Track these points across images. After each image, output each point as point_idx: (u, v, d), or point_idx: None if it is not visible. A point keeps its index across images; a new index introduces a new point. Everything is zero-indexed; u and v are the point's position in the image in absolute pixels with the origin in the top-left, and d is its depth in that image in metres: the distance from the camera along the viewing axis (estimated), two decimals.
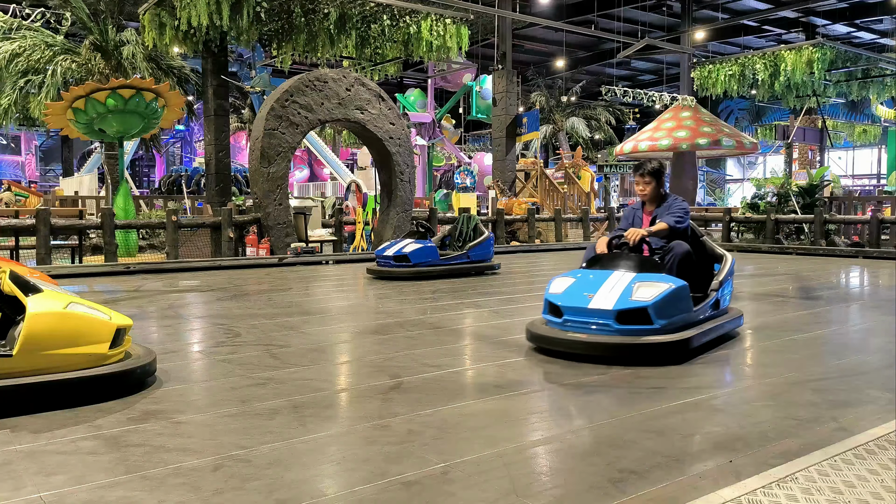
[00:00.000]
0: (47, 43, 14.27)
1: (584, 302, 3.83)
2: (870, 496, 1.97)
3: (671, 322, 3.79)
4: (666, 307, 3.76)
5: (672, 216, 4.50)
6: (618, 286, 3.84)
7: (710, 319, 4.20)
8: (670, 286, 3.80)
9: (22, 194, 15.70)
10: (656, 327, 3.73)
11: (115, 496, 2.07)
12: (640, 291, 3.77)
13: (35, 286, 3.14)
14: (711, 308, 4.24)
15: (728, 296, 4.53)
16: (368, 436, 2.58)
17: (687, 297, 3.91)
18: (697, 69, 21.33)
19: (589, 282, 3.98)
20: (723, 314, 4.42)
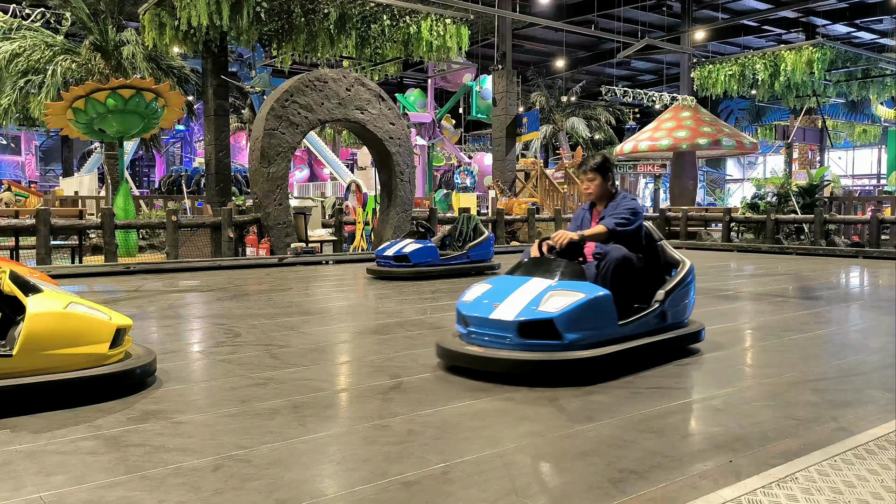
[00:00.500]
0: (47, 43, 14.27)
1: (487, 312, 3.44)
2: (870, 496, 1.97)
3: (584, 337, 3.36)
4: (578, 320, 3.33)
5: (614, 218, 3.96)
6: (528, 295, 3.43)
7: (651, 334, 3.73)
8: (584, 296, 3.37)
9: (22, 194, 15.71)
10: (564, 342, 3.31)
11: (115, 496, 2.07)
12: (550, 302, 3.35)
13: (35, 286, 3.14)
14: (657, 320, 3.79)
15: (684, 307, 4.02)
16: (368, 436, 2.58)
17: (607, 308, 3.46)
18: (697, 69, 21.32)
19: (501, 289, 3.57)
20: (673, 328, 3.93)
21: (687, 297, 4.04)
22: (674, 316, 3.93)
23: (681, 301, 3.98)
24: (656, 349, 3.73)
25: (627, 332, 3.60)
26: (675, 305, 3.92)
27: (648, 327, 3.75)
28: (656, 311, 3.79)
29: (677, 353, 3.89)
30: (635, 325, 3.67)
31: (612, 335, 3.50)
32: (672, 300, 3.89)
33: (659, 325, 3.82)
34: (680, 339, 3.94)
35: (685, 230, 14.43)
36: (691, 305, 4.11)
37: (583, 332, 3.37)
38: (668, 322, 3.89)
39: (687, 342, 4.00)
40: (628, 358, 3.50)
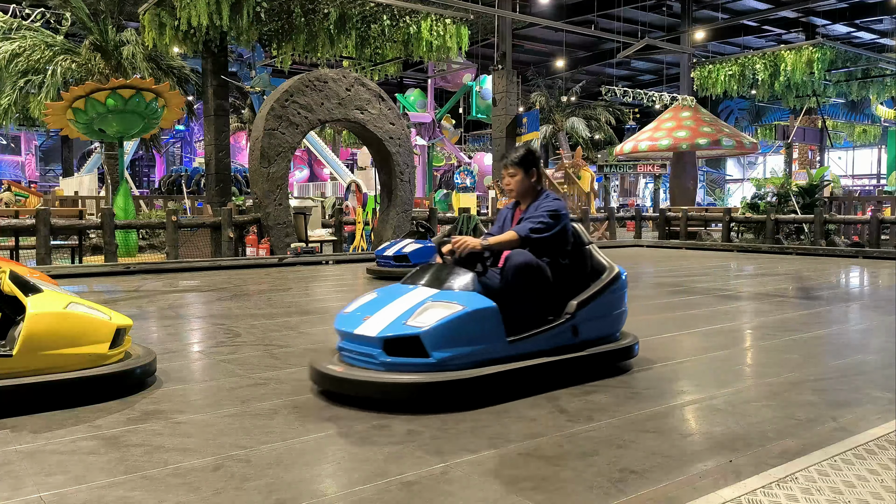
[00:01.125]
0: (47, 43, 14.26)
1: (354, 326, 3.08)
2: (870, 496, 1.97)
3: (458, 355, 2.96)
4: (451, 336, 2.94)
5: (530, 222, 3.48)
6: (403, 307, 3.07)
7: (559, 351, 3.32)
8: (461, 309, 2.98)
9: (22, 194, 15.71)
10: (432, 361, 2.92)
11: (115, 496, 2.07)
12: (424, 315, 2.98)
13: (35, 286, 3.14)
14: (568, 336, 3.38)
15: (610, 320, 3.59)
16: (368, 436, 2.58)
17: (490, 323, 3.06)
18: (697, 69, 21.33)
19: (381, 299, 3.23)
20: (592, 344, 3.48)
21: (614, 308, 3.59)
22: (591, 330, 3.48)
23: (602, 313, 3.53)
24: (563, 368, 3.27)
25: (521, 349, 3.17)
26: (593, 318, 3.46)
27: (554, 343, 3.32)
28: (565, 326, 3.35)
29: (603, 371, 3.46)
30: (533, 342, 3.23)
31: (498, 354, 3.09)
32: (588, 312, 3.43)
33: (571, 342, 3.38)
34: (600, 357, 3.46)
35: (685, 230, 14.43)
36: (622, 317, 3.68)
37: (457, 350, 2.95)
38: (583, 338, 3.44)
39: (613, 359, 3.54)
40: (517, 380, 3.07)
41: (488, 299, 3.11)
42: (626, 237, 15.82)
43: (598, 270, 3.65)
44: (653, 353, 4.02)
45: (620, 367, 3.58)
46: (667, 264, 10.27)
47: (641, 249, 13.69)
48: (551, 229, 3.47)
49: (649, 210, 23.78)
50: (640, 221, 15.90)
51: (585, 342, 3.45)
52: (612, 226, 15.23)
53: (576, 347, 3.41)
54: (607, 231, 15.36)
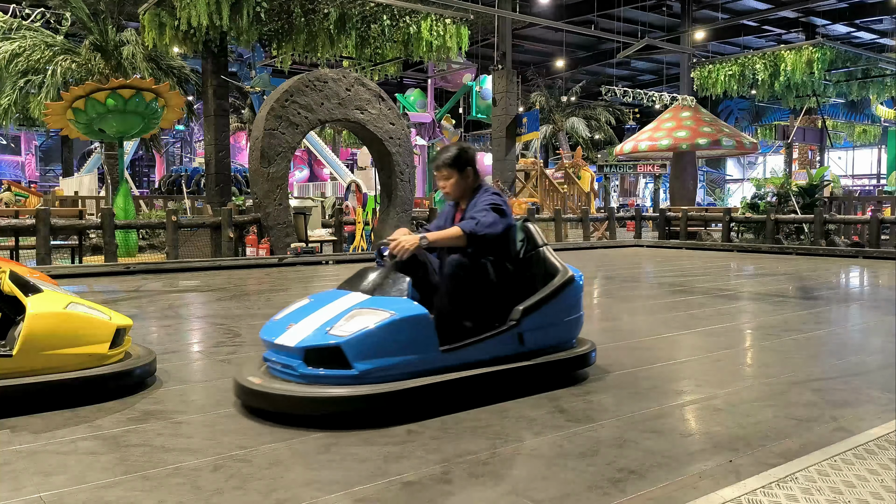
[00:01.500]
0: (47, 43, 14.27)
1: (276, 334, 2.90)
2: (870, 496, 1.97)
3: (384, 367, 2.76)
4: (375, 346, 2.74)
5: (474, 218, 3.24)
6: (330, 314, 2.89)
7: (502, 361, 3.08)
8: (389, 316, 2.78)
9: (22, 194, 15.71)
10: (354, 373, 2.72)
11: (115, 496, 2.07)
12: (348, 323, 2.79)
13: (35, 286, 3.14)
14: (513, 344, 3.14)
15: (561, 327, 3.35)
16: (368, 436, 2.58)
17: (421, 332, 2.85)
18: (697, 69, 21.33)
19: (310, 306, 3.05)
20: (541, 353, 3.24)
21: (566, 314, 3.36)
22: (541, 338, 3.25)
23: (553, 320, 3.29)
24: (503, 379, 3.05)
25: (457, 360, 2.95)
26: (542, 325, 3.24)
27: (498, 353, 3.09)
28: (510, 334, 3.12)
29: (556, 380, 3.24)
30: (471, 351, 3.00)
31: (430, 365, 2.87)
32: (536, 319, 3.20)
33: (517, 351, 3.15)
34: (549, 366, 3.22)
35: (685, 230, 14.43)
36: (577, 324, 3.45)
37: (382, 361, 2.75)
38: (531, 346, 3.20)
39: (565, 368, 3.31)
40: (448, 392, 2.86)
41: (420, 306, 2.89)
42: (626, 237, 15.82)
43: (552, 274, 3.38)
44: (653, 353, 4.03)
45: (577, 376, 3.37)
46: (667, 264, 10.28)
47: (641, 249, 13.69)
48: (497, 225, 3.22)
49: (649, 210, 23.77)
50: (640, 221, 15.91)
51: (534, 351, 3.22)
52: (612, 226, 15.23)
53: (523, 357, 3.16)
54: (607, 231, 15.37)
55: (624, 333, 4.71)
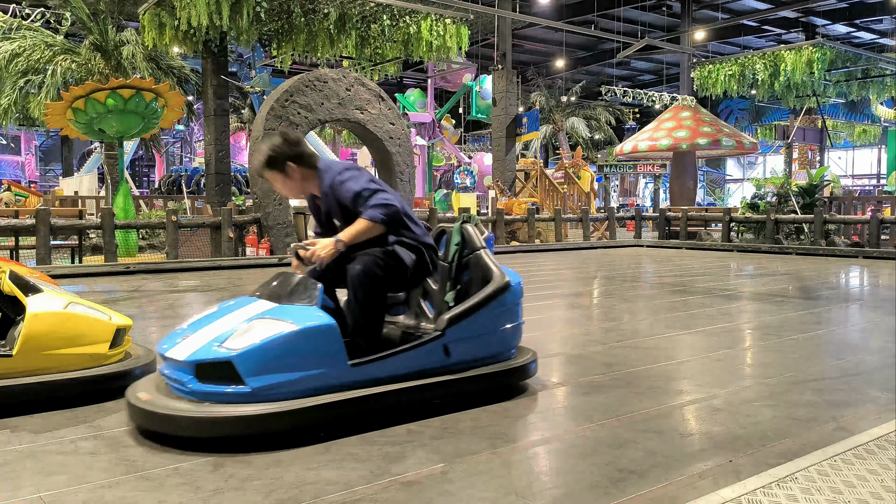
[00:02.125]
0: (47, 43, 14.26)
1: (170, 346, 2.68)
2: (870, 496, 1.97)
3: (281, 383, 2.52)
4: (271, 360, 2.51)
5: (371, 207, 2.91)
6: (230, 324, 2.66)
7: (426, 375, 2.85)
8: (288, 327, 2.56)
9: (22, 194, 15.72)
10: (247, 391, 2.48)
11: (115, 496, 2.07)
12: (245, 335, 2.55)
13: (35, 286, 3.14)
14: (439, 356, 2.90)
15: (496, 338, 3.08)
16: (368, 436, 2.58)
17: (325, 344, 2.61)
18: (697, 69, 21.33)
19: (214, 314, 2.82)
20: (472, 366, 2.99)
21: (501, 323, 3.08)
22: (471, 350, 2.99)
23: (486, 330, 3.03)
24: (422, 395, 2.81)
25: (369, 374, 2.71)
26: (472, 336, 2.98)
27: (419, 366, 2.84)
28: (434, 345, 2.88)
29: (490, 395, 3.00)
30: (386, 365, 2.76)
31: (338, 380, 2.63)
32: (465, 329, 2.95)
33: (442, 363, 2.90)
34: (479, 380, 2.97)
35: (685, 230, 14.43)
36: (514, 333, 3.18)
37: (280, 377, 2.52)
38: (458, 358, 2.95)
39: (498, 381, 3.06)
40: (358, 411, 2.63)
41: (325, 316, 2.66)
42: (626, 237, 15.82)
43: (488, 280, 3.11)
44: (653, 353, 4.03)
45: (517, 388, 3.16)
46: (667, 264, 10.27)
47: (641, 249, 13.69)
48: (390, 203, 2.92)
49: (649, 210, 23.78)
50: (640, 221, 15.90)
51: (462, 363, 2.97)
52: (612, 226, 15.23)
53: (449, 370, 2.91)
54: (607, 231, 15.37)
55: (624, 333, 4.71)
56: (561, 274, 9.00)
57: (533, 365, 3.22)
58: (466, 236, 3.28)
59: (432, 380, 2.84)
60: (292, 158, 3.02)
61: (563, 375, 3.61)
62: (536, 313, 5.64)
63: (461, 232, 3.29)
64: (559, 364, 3.86)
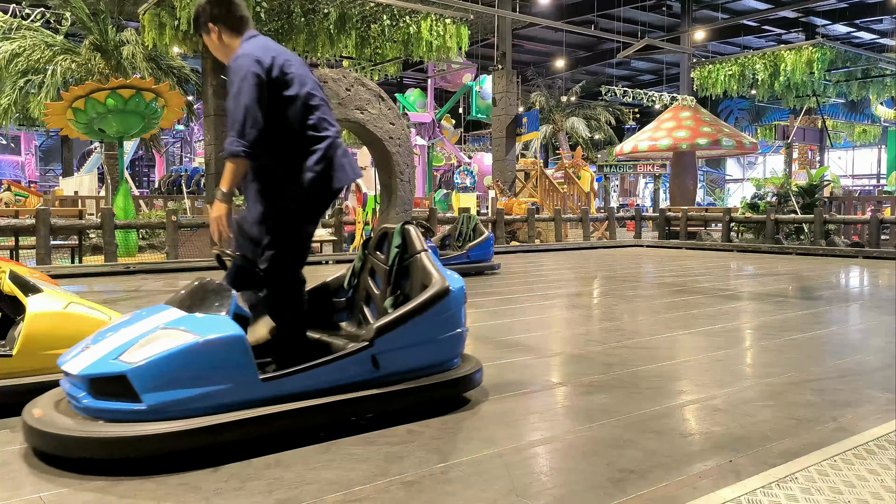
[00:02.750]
0: (47, 43, 14.27)
1: (68, 358, 2.48)
2: (870, 496, 1.97)
3: (181, 399, 2.32)
4: (170, 375, 2.31)
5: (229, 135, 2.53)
6: (132, 334, 2.45)
7: (350, 389, 2.63)
8: (191, 339, 2.37)
9: (22, 194, 15.71)
10: (142, 408, 2.29)
11: (115, 496, 2.07)
12: (146, 347, 2.36)
13: (35, 286, 3.14)
14: (366, 369, 2.68)
15: (431, 348, 2.85)
16: (368, 436, 2.58)
17: (231, 357, 2.41)
18: (697, 69, 21.33)
19: (122, 323, 2.60)
20: (404, 379, 2.77)
21: (439, 331, 2.87)
22: (404, 361, 2.77)
23: (420, 339, 2.81)
24: (345, 411, 2.61)
25: (284, 390, 2.50)
26: (406, 346, 2.77)
27: (341, 379, 2.62)
28: (360, 357, 2.67)
29: (428, 409, 2.79)
30: (304, 379, 2.55)
31: (247, 396, 2.43)
32: (396, 339, 2.74)
33: (371, 376, 2.70)
34: (411, 394, 2.75)
35: (685, 230, 14.43)
36: (454, 342, 2.95)
37: (180, 393, 2.32)
38: (389, 370, 2.73)
39: (435, 394, 2.83)
40: (270, 429, 2.43)
41: (234, 326, 2.45)
42: (626, 237, 15.82)
43: (427, 285, 2.91)
44: (653, 353, 4.03)
45: (460, 400, 2.96)
46: (667, 264, 10.28)
47: (641, 249, 13.69)
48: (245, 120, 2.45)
49: (649, 210, 23.78)
50: (640, 221, 15.91)
51: (395, 375, 2.75)
52: (612, 226, 15.23)
53: (380, 383, 2.70)
54: (607, 231, 15.37)
55: (624, 333, 4.71)
56: (561, 274, 9.00)
57: (477, 375, 3.01)
58: (407, 239, 3.09)
59: (359, 394, 2.63)
60: (214, 19, 2.71)
61: (563, 375, 3.62)
62: (536, 313, 5.64)
63: (402, 234, 3.11)
64: (559, 364, 3.86)
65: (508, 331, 4.80)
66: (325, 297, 3.44)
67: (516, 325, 5.02)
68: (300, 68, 2.70)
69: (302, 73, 2.68)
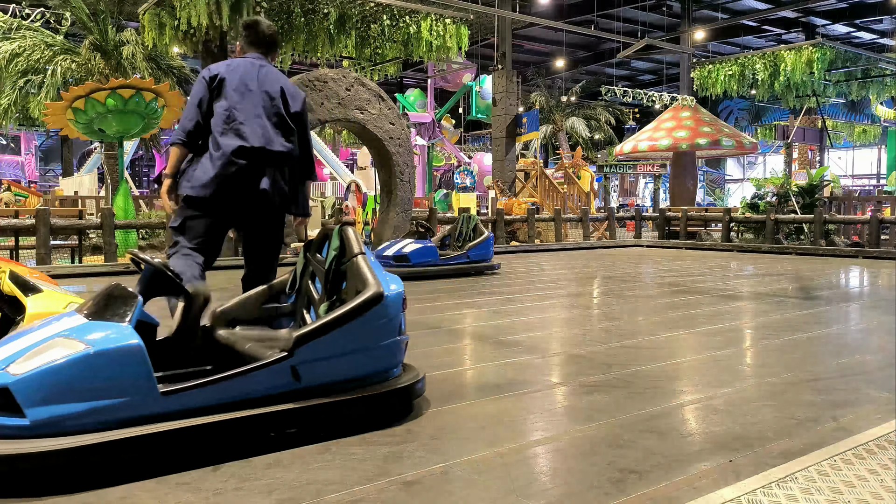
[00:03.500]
0: (47, 43, 14.27)
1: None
2: (870, 496, 1.97)
3: (71, 414, 2.16)
4: (58, 388, 2.15)
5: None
6: (28, 342, 2.29)
7: (268, 402, 2.45)
8: (82, 349, 2.20)
9: (22, 194, 15.72)
10: (25, 423, 2.12)
11: (115, 496, 2.07)
12: (34, 358, 2.20)
13: (35, 286, 3.14)
14: (287, 380, 2.51)
15: (364, 358, 2.66)
16: (368, 436, 2.58)
17: (128, 369, 2.24)
18: (697, 69, 21.33)
19: (28, 330, 2.43)
20: (329, 392, 2.58)
21: (372, 340, 2.67)
22: (330, 372, 2.59)
23: (349, 348, 2.62)
24: (267, 425, 2.43)
25: (189, 403, 2.34)
26: (330, 356, 2.58)
27: (254, 392, 2.45)
28: (276, 368, 2.49)
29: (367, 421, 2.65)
30: (211, 392, 2.38)
31: (145, 411, 2.26)
32: (320, 348, 2.55)
33: (291, 388, 2.51)
34: (343, 406, 2.57)
35: (685, 230, 14.43)
36: (390, 352, 2.75)
37: (68, 408, 2.15)
38: (311, 383, 2.55)
39: (365, 408, 2.65)
40: (169, 447, 2.25)
41: (132, 335, 2.29)
42: (626, 237, 15.82)
43: (360, 290, 2.71)
44: (653, 353, 4.03)
45: (401, 412, 2.78)
46: (667, 264, 10.28)
47: (641, 249, 13.69)
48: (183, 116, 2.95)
49: (649, 210, 23.79)
50: (640, 221, 15.91)
51: (320, 387, 2.57)
52: (612, 226, 15.24)
53: (300, 396, 2.52)
54: (607, 231, 15.37)
55: (624, 333, 4.71)
56: (561, 274, 9.00)
57: (418, 385, 2.83)
58: (345, 240, 2.91)
59: (274, 408, 2.44)
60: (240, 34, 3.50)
61: (563, 375, 3.62)
62: (536, 313, 5.64)
63: (340, 235, 2.94)
64: (559, 364, 3.86)
65: (508, 330, 4.80)
66: (267, 301, 3.30)
67: (516, 325, 5.02)
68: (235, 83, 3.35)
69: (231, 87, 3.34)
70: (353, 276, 2.79)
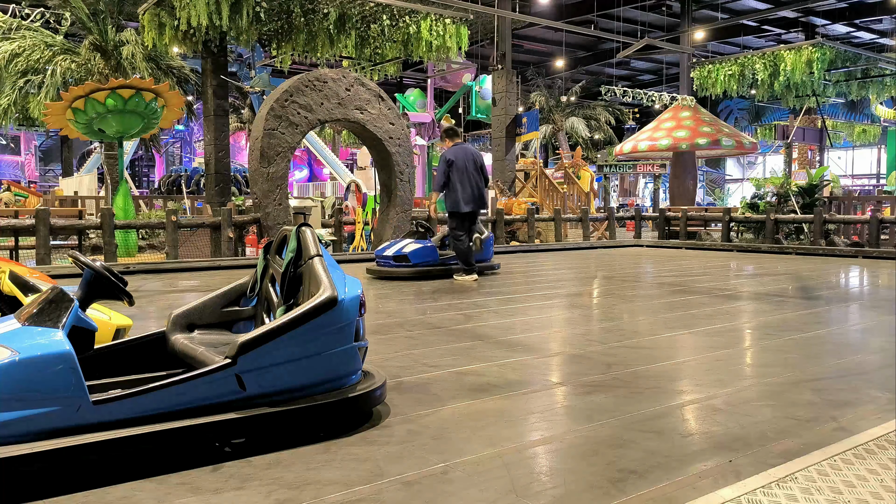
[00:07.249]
0: (47, 43, 14.28)
1: None
2: (870, 496, 1.97)
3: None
4: None
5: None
6: None
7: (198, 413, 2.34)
8: (7, 356, 2.11)
9: (21, 194, 15.73)
10: None
11: (115, 496, 2.07)
12: None
13: (35, 286, 3.14)
14: (232, 388, 2.40)
15: (315, 365, 2.54)
16: (368, 436, 2.58)
17: (57, 377, 2.13)
18: (697, 69, 21.34)
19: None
20: (277, 401, 2.48)
21: (323, 347, 2.55)
22: (277, 380, 2.47)
23: (298, 355, 2.50)
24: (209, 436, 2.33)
25: (123, 413, 2.24)
26: (277, 363, 2.46)
27: (198, 401, 2.36)
28: (218, 376, 2.38)
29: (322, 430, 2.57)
30: (146, 401, 2.28)
31: (76, 421, 2.16)
32: (267, 355, 2.44)
33: (237, 397, 2.42)
34: (292, 416, 2.46)
35: (685, 230, 14.44)
36: (344, 358, 2.63)
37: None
38: (257, 391, 2.45)
39: (329, 412, 2.55)
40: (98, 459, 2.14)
41: (62, 342, 2.19)
42: (625, 237, 15.82)
43: (314, 293, 2.60)
44: (653, 353, 4.03)
45: (358, 420, 2.69)
46: (666, 264, 10.28)
47: (641, 249, 13.69)
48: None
49: (649, 210, 23.79)
50: (640, 221, 15.91)
51: (267, 396, 2.47)
52: (612, 226, 15.24)
53: (245, 405, 2.42)
54: (607, 231, 15.37)
55: (624, 333, 4.71)
56: (561, 274, 9.00)
57: (377, 392, 2.71)
58: (302, 242, 2.81)
59: (216, 418, 2.33)
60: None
61: (563, 375, 3.62)
62: (536, 313, 5.64)
63: (298, 236, 2.85)
64: (559, 364, 3.86)
65: (508, 330, 4.80)
66: (227, 305, 3.21)
67: (516, 325, 5.02)
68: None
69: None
70: (309, 279, 2.68)
